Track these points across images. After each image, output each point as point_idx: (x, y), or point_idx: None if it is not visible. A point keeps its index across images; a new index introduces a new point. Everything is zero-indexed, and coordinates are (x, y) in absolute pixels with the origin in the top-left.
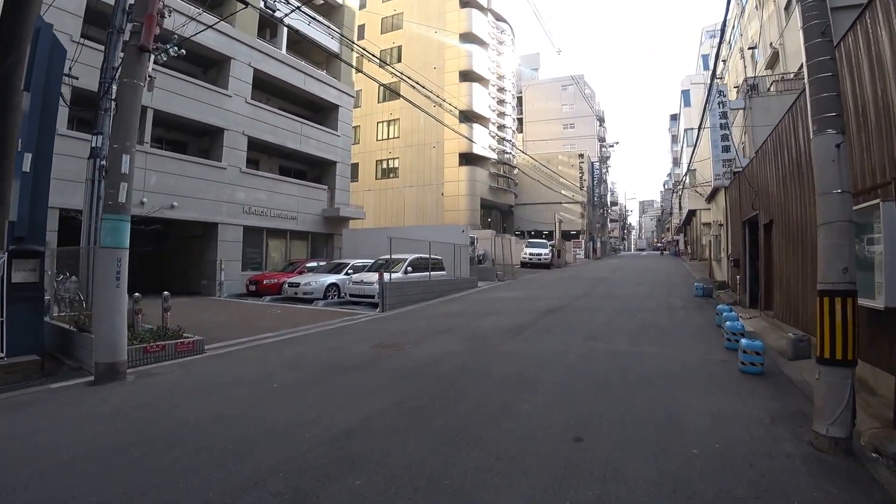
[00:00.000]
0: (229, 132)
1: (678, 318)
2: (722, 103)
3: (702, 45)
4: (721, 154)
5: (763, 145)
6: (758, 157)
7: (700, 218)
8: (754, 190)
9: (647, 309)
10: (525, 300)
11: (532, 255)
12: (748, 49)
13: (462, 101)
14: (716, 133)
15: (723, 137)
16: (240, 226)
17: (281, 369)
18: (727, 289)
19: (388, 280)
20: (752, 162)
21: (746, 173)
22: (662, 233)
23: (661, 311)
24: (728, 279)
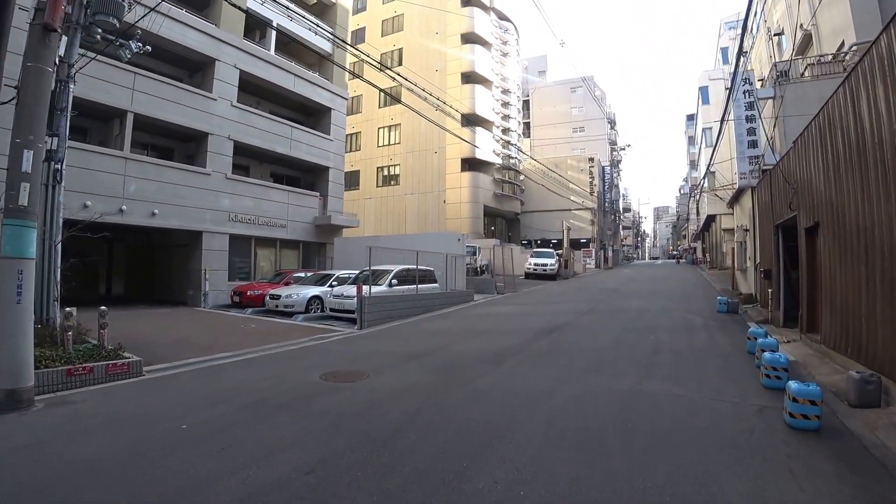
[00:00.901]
0: (214, 137)
1: (700, 341)
2: (748, 92)
3: (720, 37)
4: (747, 150)
5: (805, 133)
6: (796, 148)
7: (720, 224)
8: (792, 187)
9: (662, 328)
10: (522, 317)
11: (537, 265)
12: (774, 35)
13: (464, 103)
14: (741, 127)
15: (749, 132)
16: (225, 234)
17: (204, 403)
18: (755, 304)
19: (366, 294)
20: (788, 154)
21: (781, 168)
22: (678, 240)
23: (678, 331)
24: (756, 292)
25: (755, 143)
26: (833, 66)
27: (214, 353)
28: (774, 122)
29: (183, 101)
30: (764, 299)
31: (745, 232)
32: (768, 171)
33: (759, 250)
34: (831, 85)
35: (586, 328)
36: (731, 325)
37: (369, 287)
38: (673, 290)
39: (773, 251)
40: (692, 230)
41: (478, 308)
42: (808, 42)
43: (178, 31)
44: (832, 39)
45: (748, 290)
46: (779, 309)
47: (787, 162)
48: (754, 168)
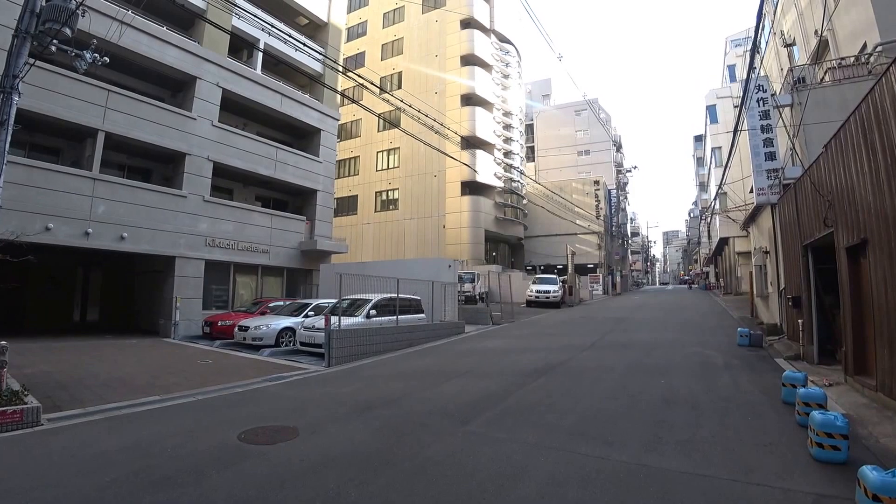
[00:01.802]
0: (192, 157)
1: (722, 386)
2: (762, 100)
3: (727, 55)
4: (765, 163)
5: (841, 133)
6: (829, 153)
7: (733, 247)
8: (826, 199)
9: (675, 369)
10: (512, 353)
11: (539, 292)
12: (784, 47)
13: (464, 126)
14: (756, 138)
15: (766, 142)
16: (201, 260)
17: (71, 472)
18: (781, 335)
19: (335, 327)
20: (818, 162)
21: (812, 177)
22: (689, 265)
23: (694, 372)
24: (782, 322)
25: (773, 154)
26: (856, 70)
27: (144, 395)
28: (798, 129)
29: (160, 119)
30: (793, 330)
31: (764, 254)
32: (791, 185)
33: (785, 275)
34: (855, 89)
35: (584, 369)
36: (758, 364)
37: (339, 319)
38: (686, 319)
39: (801, 276)
40: (704, 254)
41: (466, 342)
42: (824, 48)
43: (156, 48)
44: (851, 42)
45: (770, 318)
46: (812, 343)
47: (816, 170)
48: (773, 182)
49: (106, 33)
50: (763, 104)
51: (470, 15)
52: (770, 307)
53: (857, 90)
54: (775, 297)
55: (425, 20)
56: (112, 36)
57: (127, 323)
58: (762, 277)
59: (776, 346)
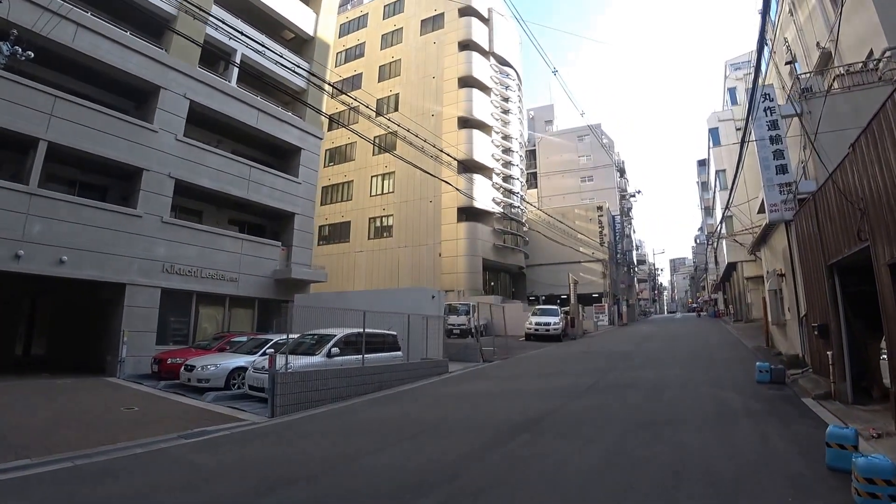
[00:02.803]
0: (150, 174)
1: (746, 445)
2: (770, 109)
3: (727, 78)
4: (776, 177)
5: (874, 126)
6: (860, 153)
7: (742, 272)
8: (858, 208)
9: (686, 417)
10: (495, 399)
11: (538, 325)
12: (785, 65)
13: (461, 149)
14: (765, 149)
15: (776, 154)
16: (157, 288)
17: None
18: (805, 369)
19: (281, 369)
20: (843, 165)
21: (837, 184)
22: (697, 292)
23: (709, 422)
24: (805, 353)
25: (784, 167)
26: (866, 76)
27: (13, 458)
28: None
29: (115, 131)
30: (819, 363)
31: (779, 278)
32: (808, 199)
33: (806, 300)
34: (866, 95)
35: (575, 423)
36: (785, 408)
37: (286, 359)
38: (697, 351)
39: (828, 300)
40: (711, 281)
41: (446, 385)
42: (826, 60)
43: (117, 53)
44: (857, 50)
45: (790, 348)
46: (844, 379)
47: (842, 175)
48: (787, 198)
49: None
50: (770, 113)
51: (468, 37)
52: (789, 336)
53: (869, 97)
54: (794, 325)
55: (423, 42)
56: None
57: (76, 358)
58: (778, 303)
59: (801, 383)
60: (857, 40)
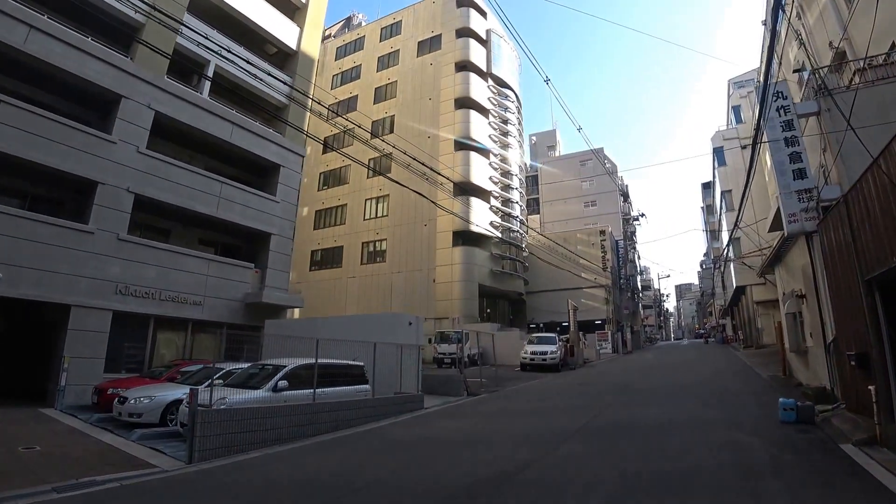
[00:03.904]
0: (106, 187)
1: None
2: (783, 109)
3: (730, 96)
4: (793, 182)
5: None
6: None
7: (751, 296)
8: None
9: (697, 477)
10: (465, 447)
11: (534, 354)
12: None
13: (458, 171)
14: (780, 153)
15: (793, 157)
16: (107, 310)
17: None
18: (837, 404)
19: (203, 406)
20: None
21: (879, 178)
22: (704, 317)
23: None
24: (835, 385)
25: (803, 172)
26: (890, 70)
27: None
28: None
29: (68, 141)
30: (856, 400)
31: (798, 299)
32: (839, 201)
33: (837, 323)
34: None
35: (553, 485)
36: (825, 462)
37: (209, 393)
38: (706, 382)
39: (866, 323)
40: (719, 305)
41: (414, 424)
42: (840, 59)
43: (74, 58)
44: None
45: (813, 379)
46: (893, 419)
47: (888, 163)
48: (808, 206)
49: None
50: (785, 113)
51: (466, 58)
52: (811, 364)
53: None
54: (819, 353)
55: (420, 63)
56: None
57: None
58: (797, 328)
59: (835, 424)
60: (879, 33)
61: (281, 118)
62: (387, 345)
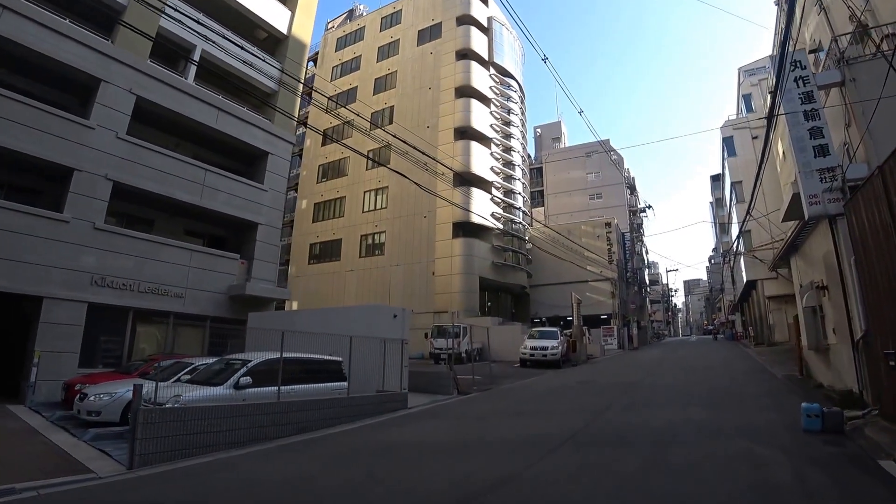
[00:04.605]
0: (82, 174)
1: None
2: (802, 80)
3: (740, 85)
4: (814, 160)
5: None
6: None
7: (762, 290)
8: None
9: (705, 496)
10: (440, 456)
11: (534, 349)
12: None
13: (458, 161)
14: (799, 129)
15: (813, 133)
16: (82, 302)
17: None
18: (866, 410)
19: (147, 404)
20: None
21: None
22: (713, 313)
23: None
24: (863, 388)
25: (825, 148)
26: None
27: None
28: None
29: (42, 126)
30: (893, 405)
31: (818, 291)
32: (874, 175)
33: (870, 317)
34: None
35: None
36: (863, 484)
37: (154, 389)
38: (716, 383)
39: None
40: (728, 301)
41: (391, 427)
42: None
43: (49, 41)
44: None
45: (836, 380)
46: None
47: None
48: (831, 186)
49: None
50: (804, 84)
51: (466, 46)
52: (833, 364)
53: None
54: (844, 351)
55: (420, 52)
56: None
57: None
58: (817, 323)
59: (869, 434)
60: None
61: (270, 104)
62: (368, 339)
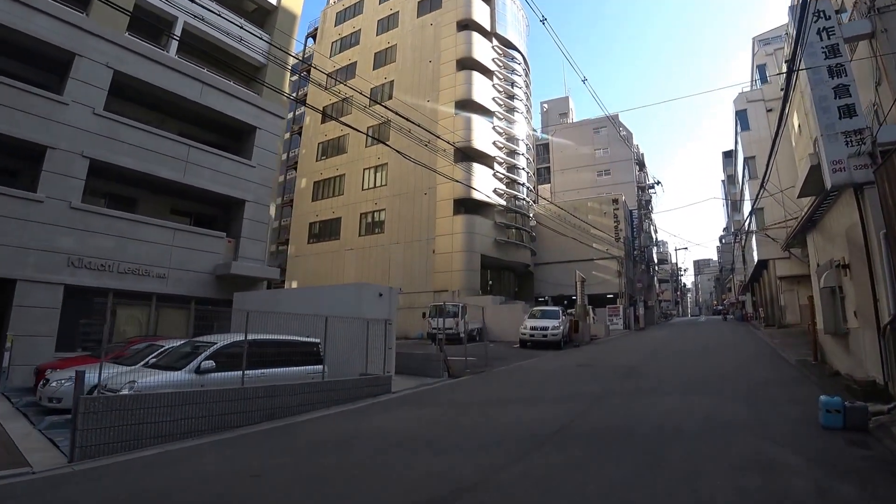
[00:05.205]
0: (57, 152)
1: None
2: (826, 31)
3: (755, 55)
4: (839, 122)
5: None
6: None
7: (774, 270)
8: None
9: None
10: (407, 451)
11: (534, 330)
12: None
13: (459, 135)
14: (822, 87)
15: (838, 91)
16: (59, 284)
17: None
18: (893, 405)
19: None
20: None
21: None
22: (723, 293)
23: None
24: (889, 378)
25: (851, 109)
26: None
27: None
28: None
29: (14, 102)
30: None
31: (839, 270)
32: None
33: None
34: None
35: None
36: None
37: (99, 372)
38: (725, 368)
39: None
40: (738, 281)
41: (364, 414)
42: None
43: (19, 14)
44: None
45: (856, 368)
46: None
47: None
48: (859, 150)
49: None
50: (828, 36)
51: (468, 16)
52: (853, 350)
53: None
54: (867, 336)
55: (420, 24)
56: None
57: None
58: (835, 305)
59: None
60: None
61: (259, 80)
62: (349, 319)
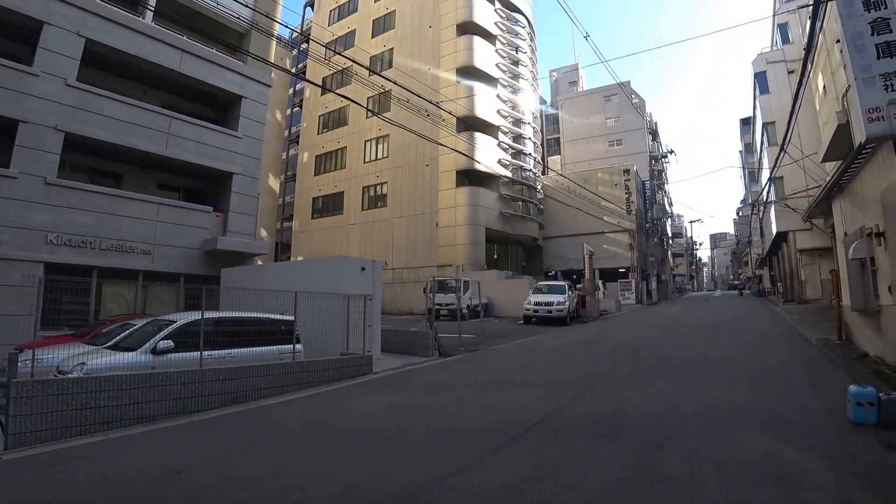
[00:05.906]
0: (29, 126)
1: None
2: None
3: (776, 14)
4: (876, 63)
5: None
6: None
7: (794, 243)
8: None
9: None
10: (359, 445)
11: (538, 305)
12: None
13: (461, 105)
14: (857, 23)
15: (876, 27)
16: (38, 262)
17: None
18: None
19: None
20: None
21: None
22: (739, 268)
23: None
24: None
25: (892, 47)
26: None
27: None
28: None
29: None
30: None
31: (870, 239)
32: None
33: None
34: None
35: None
36: None
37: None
38: (738, 348)
39: None
40: (756, 255)
41: (335, 399)
42: None
43: None
44: None
45: (887, 350)
46: None
47: None
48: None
49: None
50: None
51: None
52: (886, 330)
53: None
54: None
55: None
56: None
57: None
58: (865, 279)
59: None
60: None
61: (243, 49)
62: (328, 295)
